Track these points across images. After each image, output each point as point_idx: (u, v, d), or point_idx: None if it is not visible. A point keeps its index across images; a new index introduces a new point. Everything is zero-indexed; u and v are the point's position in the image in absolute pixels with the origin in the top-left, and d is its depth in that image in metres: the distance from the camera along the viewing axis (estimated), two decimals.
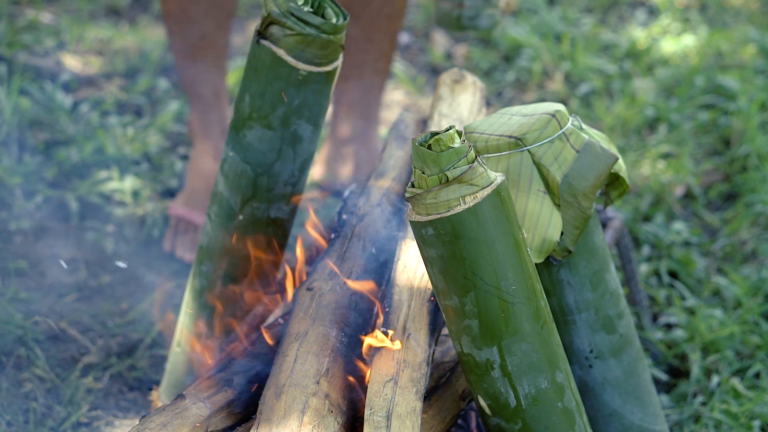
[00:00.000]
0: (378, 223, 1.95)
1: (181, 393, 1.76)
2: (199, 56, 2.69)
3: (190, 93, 2.77)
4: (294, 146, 1.91)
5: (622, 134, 3.18)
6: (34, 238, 2.70)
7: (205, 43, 2.66)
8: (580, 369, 1.89)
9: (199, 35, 2.64)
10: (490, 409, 1.70)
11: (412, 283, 1.79)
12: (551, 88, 3.39)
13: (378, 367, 1.67)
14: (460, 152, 1.59)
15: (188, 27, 2.64)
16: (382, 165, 2.09)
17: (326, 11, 1.85)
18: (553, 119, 1.79)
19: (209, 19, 2.64)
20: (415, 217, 1.62)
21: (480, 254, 1.60)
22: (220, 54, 2.71)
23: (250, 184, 1.93)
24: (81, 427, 2.23)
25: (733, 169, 3.05)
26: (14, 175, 2.82)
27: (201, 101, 2.75)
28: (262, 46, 1.85)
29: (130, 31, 3.54)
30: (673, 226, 2.84)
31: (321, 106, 1.90)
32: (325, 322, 1.77)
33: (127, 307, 2.52)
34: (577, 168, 1.79)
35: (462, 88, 2.20)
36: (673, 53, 3.53)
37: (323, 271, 1.88)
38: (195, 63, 2.69)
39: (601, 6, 3.83)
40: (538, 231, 1.77)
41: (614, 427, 1.92)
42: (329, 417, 1.63)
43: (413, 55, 3.62)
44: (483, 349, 1.66)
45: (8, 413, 2.20)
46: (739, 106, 3.18)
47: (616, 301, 1.89)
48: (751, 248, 2.79)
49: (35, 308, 2.48)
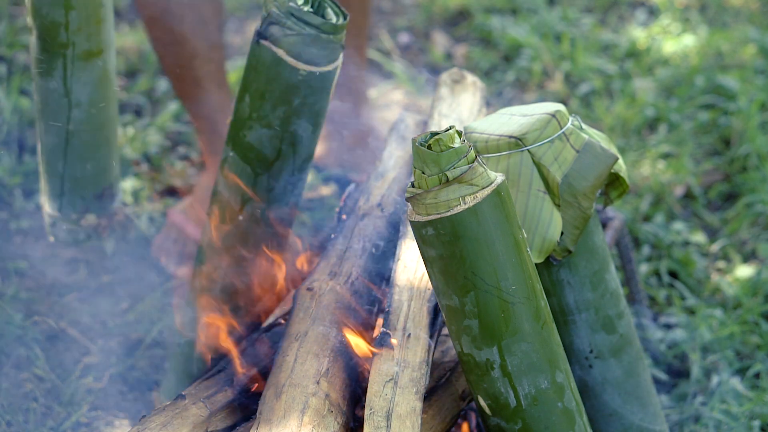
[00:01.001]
0: (378, 223, 1.95)
1: (181, 393, 1.76)
2: (194, 76, 2.64)
3: (193, 114, 2.72)
4: (294, 146, 1.91)
5: (622, 134, 3.18)
6: (34, 238, 2.70)
7: (198, 63, 2.61)
8: (580, 369, 1.89)
9: (190, 56, 2.59)
10: (490, 409, 1.70)
11: (412, 283, 1.79)
12: (551, 88, 3.39)
13: (378, 367, 1.67)
14: (460, 152, 1.59)
15: (178, 49, 2.59)
16: (382, 165, 2.09)
17: (326, 11, 1.85)
18: (553, 119, 1.79)
19: (198, 39, 2.59)
20: (415, 217, 1.62)
21: (480, 254, 1.60)
22: (216, 69, 2.65)
23: (250, 184, 1.93)
24: (81, 427, 2.23)
25: (733, 169, 3.05)
26: (14, 175, 2.82)
27: (206, 121, 2.70)
28: (262, 46, 1.85)
29: (130, 32, 3.54)
30: (673, 226, 2.84)
31: (321, 106, 1.91)
32: (325, 322, 1.77)
33: (127, 307, 2.53)
34: (577, 168, 1.79)
35: (462, 88, 2.20)
36: (673, 53, 3.53)
37: (323, 271, 1.88)
38: (192, 84, 2.64)
39: (601, 6, 3.83)
40: (538, 231, 1.77)
41: (614, 427, 1.92)
42: (329, 417, 1.63)
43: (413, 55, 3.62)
44: (483, 349, 1.66)
45: (8, 413, 2.20)
46: (739, 106, 3.18)
47: (616, 301, 1.89)
48: (751, 248, 2.79)
49: (35, 308, 2.48)
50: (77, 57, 1.94)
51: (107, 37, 1.97)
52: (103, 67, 1.97)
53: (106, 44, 1.97)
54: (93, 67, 1.96)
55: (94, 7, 1.92)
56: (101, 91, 1.99)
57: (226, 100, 2.71)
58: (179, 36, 2.57)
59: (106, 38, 1.96)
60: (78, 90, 1.96)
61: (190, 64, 2.60)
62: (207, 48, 2.61)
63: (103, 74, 1.98)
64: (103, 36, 1.95)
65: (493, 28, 3.64)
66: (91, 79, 1.96)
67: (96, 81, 1.97)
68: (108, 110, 2.02)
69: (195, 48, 2.59)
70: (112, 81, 2.01)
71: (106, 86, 1.99)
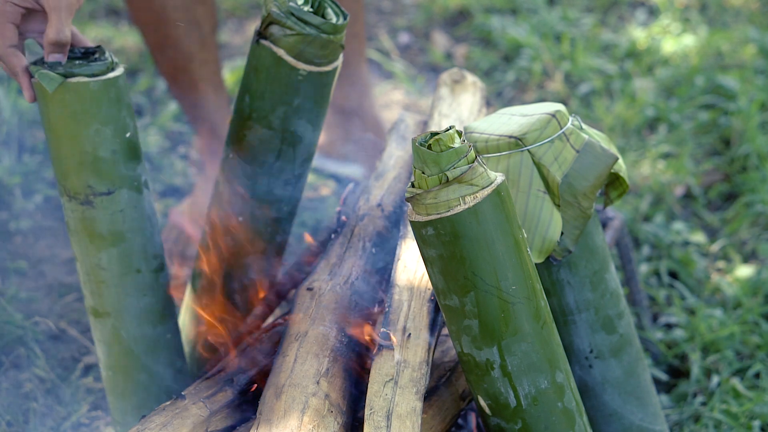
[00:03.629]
0: (378, 223, 1.95)
1: (181, 393, 1.76)
2: (190, 79, 2.64)
3: (191, 116, 2.72)
4: (294, 146, 1.91)
5: (622, 134, 3.18)
6: (34, 238, 2.70)
7: (193, 66, 2.62)
8: (580, 369, 1.89)
9: (185, 59, 2.60)
10: (490, 409, 1.70)
11: (412, 283, 1.79)
12: (551, 88, 3.39)
13: (378, 367, 1.67)
14: (460, 152, 1.59)
15: (173, 53, 2.59)
16: (382, 165, 2.09)
17: (326, 11, 1.85)
18: (553, 119, 1.79)
19: (192, 41, 2.59)
20: (415, 217, 1.62)
21: (480, 254, 1.60)
22: (212, 71, 2.65)
23: (250, 184, 1.93)
24: (81, 427, 2.23)
25: (733, 169, 3.05)
26: (14, 175, 2.82)
27: (204, 122, 2.70)
28: (262, 46, 1.85)
29: (130, 31, 3.54)
30: (673, 226, 2.84)
31: (321, 105, 1.91)
32: (325, 322, 1.77)
33: None
34: (577, 168, 1.78)
35: (462, 88, 2.20)
36: (673, 53, 3.53)
37: (323, 271, 1.88)
38: (188, 87, 2.64)
39: (601, 6, 3.83)
40: (538, 231, 1.77)
41: (614, 427, 1.91)
42: (329, 417, 1.63)
43: (413, 55, 3.62)
44: (483, 349, 1.66)
45: (8, 413, 2.20)
46: (739, 106, 3.18)
47: (616, 301, 1.89)
48: (751, 248, 2.79)
49: (35, 308, 2.48)
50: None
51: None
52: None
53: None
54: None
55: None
56: None
57: (223, 101, 2.71)
58: (173, 40, 2.57)
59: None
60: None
61: (186, 68, 2.61)
62: (202, 51, 2.61)
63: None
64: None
65: (493, 28, 3.64)
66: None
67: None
68: None
69: (190, 51, 2.59)
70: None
71: None
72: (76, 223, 1.86)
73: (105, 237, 1.85)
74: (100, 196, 1.83)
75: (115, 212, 1.84)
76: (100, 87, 1.79)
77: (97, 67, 1.79)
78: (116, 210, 1.84)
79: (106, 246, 1.86)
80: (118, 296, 1.89)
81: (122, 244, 1.86)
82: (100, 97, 1.79)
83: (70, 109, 1.78)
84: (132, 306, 1.90)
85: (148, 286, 1.90)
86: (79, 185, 1.83)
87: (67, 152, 1.81)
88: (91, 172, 1.82)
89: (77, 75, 1.78)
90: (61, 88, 1.77)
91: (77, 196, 1.83)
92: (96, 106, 1.79)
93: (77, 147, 1.80)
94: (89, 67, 1.78)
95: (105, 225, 1.85)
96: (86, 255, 1.88)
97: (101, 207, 1.84)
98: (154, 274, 1.91)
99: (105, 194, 1.83)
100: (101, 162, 1.81)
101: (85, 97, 1.78)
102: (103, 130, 1.80)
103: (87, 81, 1.78)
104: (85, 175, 1.82)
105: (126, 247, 1.87)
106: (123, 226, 1.86)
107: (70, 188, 1.83)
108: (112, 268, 1.87)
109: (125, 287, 1.89)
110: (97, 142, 1.80)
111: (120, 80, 1.81)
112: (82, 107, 1.78)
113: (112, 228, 1.85)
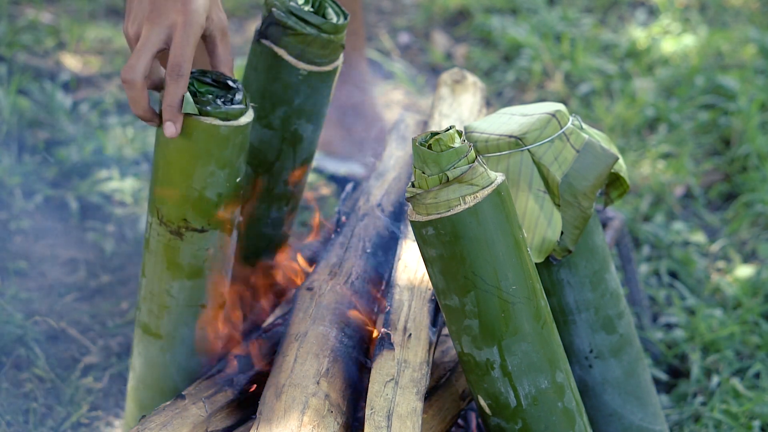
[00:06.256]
0: (378, 223, 1.95)
1: (181, 393, 1.76)
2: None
3: None
4: (294, 146, 1.91)
5: (622, 134, 3.18)
6: (34, 238, 2.70)
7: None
8: (580, 369, 1.89)
9: None
10: (490, 409, 1.70)
11: (413, 283, 1.79)
12: (551, 88, 3.39)
13: (378, 367, 1.67)
14: (460, 152, 1.59)
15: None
16: (382, 165, 2.09)
17: (327, 11, 1.85)
18: (553, 119, 1.79)
19: None
20: (415, 217, 1.62)
21: (480, 254, 1.60)
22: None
23: (251, 184, 1.93)
24: (81, 427, 2.23)
25: (733, 169, 3.05)
26: (14, 175, 2.82)
27: None
28: (262, 46, 1.85)
29: None
30: (673, 226, 2.84)
31: (321, 105, 1.90)
32: (325, 322, 1.77)
33: (127, 307, 2.53)
34: (577, 168, 1.78)
35: (462, 88, 2.20)
36: (673, 53, 3.53)
37: (323, 271, 1.88)
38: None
39: (601, 6, 3.83)
40: (538, 231, 1.77)
41: (614, 427, 1.91)
42: (329, 417, 1.63)
43: (413, 55, 3.62)
44: (483, 349, 1.66)
45: (8, 413, 2.20)
46: (739, 106, 3.18)
47: (616, 301, 1.89)
48: (751, 248, 2.79)
49: (35, 308, 2.48)
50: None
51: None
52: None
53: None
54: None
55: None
56: None
57: None
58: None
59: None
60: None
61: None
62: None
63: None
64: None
65: (493, 28, 3.64)
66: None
67: None
68: None
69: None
70: None
71: None
72: (157, 246, 1.80)
73: (183, 268, 1.80)
74: (191, 231, 1.77)
75: (201, 249, 1.79)
76: (229, 132, 1.71)
77: (231, 110, 1.71)
78: (203, 247, 1.79)
79: (181, 276, 1.81)
80: (176, 324, 1.85)
81: (197, 280, 1.82)
82: (226, 142, 1.72)
83: (193, 147, 1.70)
84: (186, 336, 1.87)
85: (208, 321, 1.87)
86: (174, 216, 1.76)
87: (175, 184, 1.74)
88: (191, 209, 1.75)
89: (211, 115, 1.70)
90: (191, 122, 1.69)
91: (169, 224, 1.77)
92: (219, 150, 1.71)
93: (186, 182, 1.73)
94: (223, 109, 1.71)
95: (187, 258, 1.80)
96: (158, 278, 1.83)
97: (189, 241, 1.78)
98: (217, 310, 1.88)
99: (197, 231, 1.78)
100: (204, 202, 1.75)
101: (211, 140, 1.71)
102: (218, 173, 1.73)
103: (219, 125, 1.69)
104: (184, 209, 1.75)
105: (200, 283, 1.82)
106: (204, 264, 1.81)
107: (164, 215, 1.77)
108: (180, 298, 1.83)
109: (186, 318, 1.85)
110: (208, 184, 1.73)
111: (249, 128, 1.74)
112: (206, 148, 1.71)
113: (193, 262, 1.80)
